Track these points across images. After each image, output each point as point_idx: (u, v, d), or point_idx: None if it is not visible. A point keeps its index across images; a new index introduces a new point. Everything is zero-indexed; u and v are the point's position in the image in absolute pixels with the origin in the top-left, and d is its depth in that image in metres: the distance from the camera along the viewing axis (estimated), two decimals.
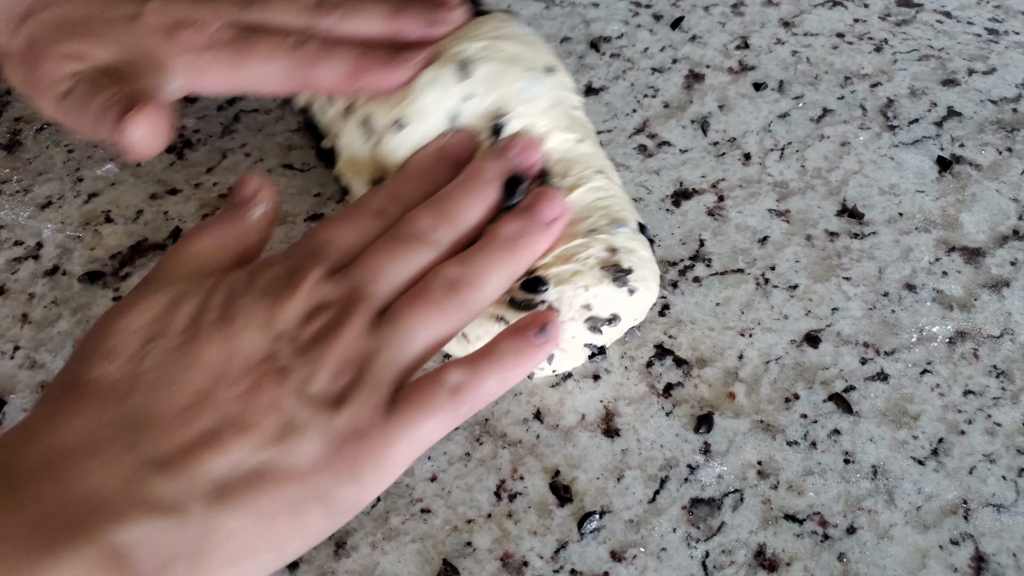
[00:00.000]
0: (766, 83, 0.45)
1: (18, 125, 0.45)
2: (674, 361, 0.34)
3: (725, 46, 0.47)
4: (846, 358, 0.34)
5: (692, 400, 0.33)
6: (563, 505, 0.30)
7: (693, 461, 0.31)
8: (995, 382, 0.33)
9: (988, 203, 0.39)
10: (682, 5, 0.50)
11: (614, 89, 0.45)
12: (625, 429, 0.32)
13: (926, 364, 0.34)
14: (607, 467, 0.31)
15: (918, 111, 0.43)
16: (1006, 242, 0.37)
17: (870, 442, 0.31)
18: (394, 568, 0.29)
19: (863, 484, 0.30)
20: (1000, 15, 0.48)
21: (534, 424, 0.32)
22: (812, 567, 0.29)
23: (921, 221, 0.38)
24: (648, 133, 0.43)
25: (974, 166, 0.40)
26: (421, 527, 0.30)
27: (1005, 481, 0.30)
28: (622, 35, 0.48)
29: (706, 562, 0.29)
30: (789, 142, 0.42)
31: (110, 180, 0.41)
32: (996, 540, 0.29)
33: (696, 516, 0.30)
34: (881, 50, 0.47)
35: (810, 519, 0.30)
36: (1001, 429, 0.32)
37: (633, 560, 0.29)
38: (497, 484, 0.31)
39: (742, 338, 0.35)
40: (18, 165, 0.42)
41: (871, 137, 0.42)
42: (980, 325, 0.35)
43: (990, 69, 0.45)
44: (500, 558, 0.29)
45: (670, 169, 0.41)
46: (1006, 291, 0.36)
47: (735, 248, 0.38)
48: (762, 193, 0.40)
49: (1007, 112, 0.43)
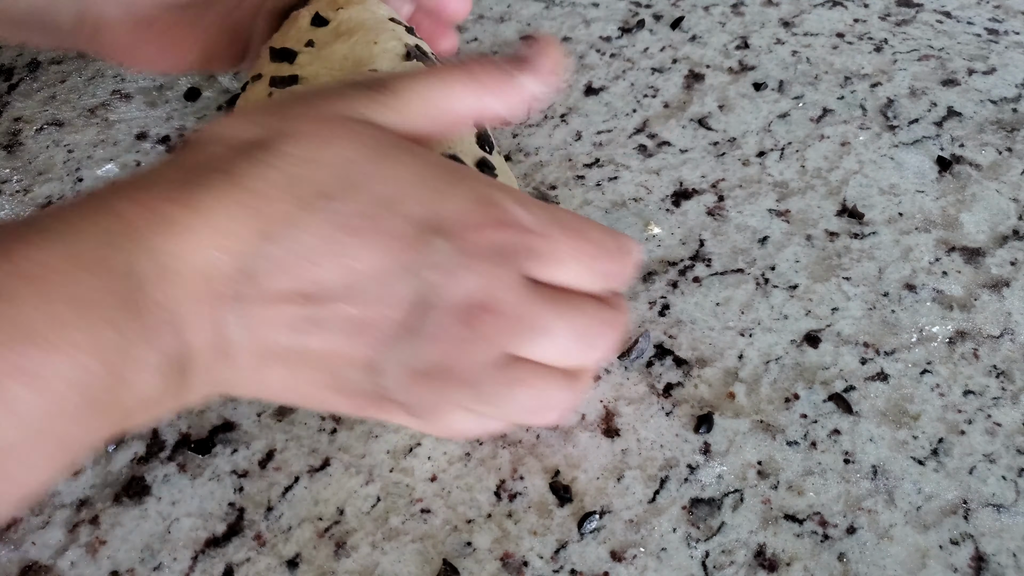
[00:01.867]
0: (766, 83, 0.45)
1: (18, 125, 0.45)
2: (674, 361, 0.34)
3: (725, 46, 0.47)
4: (846, 358, 0.34)
5: (692, 400, 0.33)
6: (563, 505, 0.30)
7: (693, 461, 0.31)
8: (995, 382, 0.33)
9: (988, 203, 0.39)
10: (682, 5, 0.50)
11: (614, 89, 0.45)
12: (625, 429, 0.32)
13: (926, 364, 0.34)
14: (607, 467, 0.31)
15: (918, 111, 0.43)
16: (1006, 242, 0.37)
17: (870, 442, 0.31)
18: (394, 568, 0.29)
19: (863, 484, 0.30)
20: (1000, 15, 0.48)
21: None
22: (812, 567, 0.29)
23: (921, 221, 0.38)
24: (648, 133, 0.43)
25: (974, 166, 0.40)
26: (421, 527, 0.30)
27: (1005, 481, 0.30)
28: (622, 35, 0.48)
29: (706, 562, 0.29)
30: (789, 142, 0.42)
31: (110, 180, 0.41)
32: (996, 540, 0.29)
33: (696, 516, 0.30)
34: (881, 50, 0.47)
35: (810, 519, 0.30)
36: (1001, 429, 0.32)
37: (633, 560, 0.29)
38: (497, 484, 0.31)
39: (742, 338, 0.35)
40: (18, 165, 0.42)
41: (871, 137, 0.42)
42: (980, 325, 0.35)
43: (990, 69, 0.45)
44: (500, 558, 0.29)
45: (670, 169, 0.41)
46: (1006, 291, 0.36)
47: (735, 248, 0.38)
48: (762, 193, 0.40)
49: (1007, 112, 0.43)
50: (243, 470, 0.32)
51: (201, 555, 0.30)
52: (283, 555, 0.30)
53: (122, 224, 0.22)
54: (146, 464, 0.32)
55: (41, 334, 0.20)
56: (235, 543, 0.30)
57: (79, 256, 0.21)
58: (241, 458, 0.32)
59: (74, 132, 0.44)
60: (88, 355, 0.20)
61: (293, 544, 0.30)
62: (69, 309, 0.20)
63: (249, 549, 0.30)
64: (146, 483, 0.32)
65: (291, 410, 0.33)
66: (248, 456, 0.32)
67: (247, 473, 0.32)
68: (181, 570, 0.29)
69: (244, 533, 0.30)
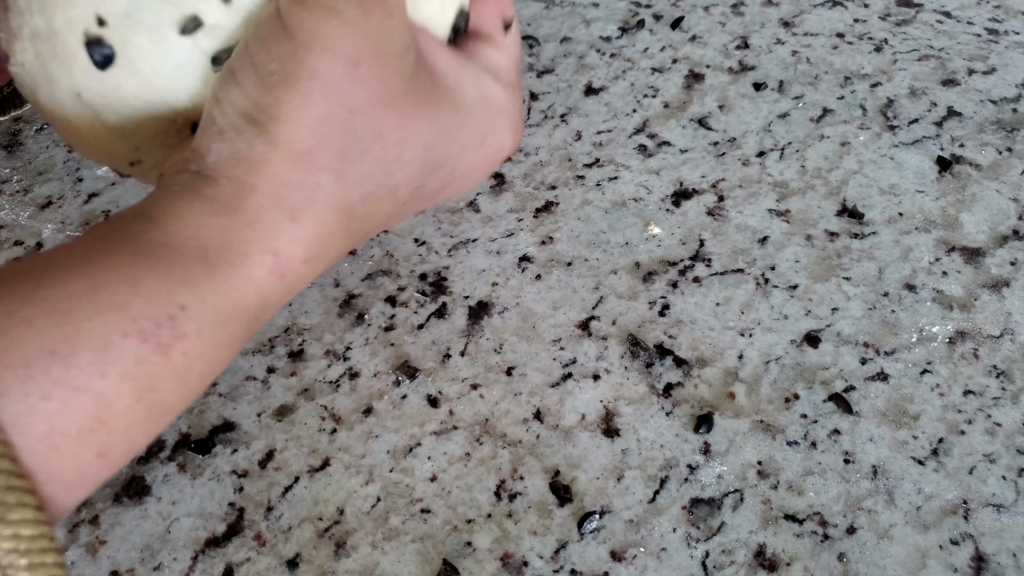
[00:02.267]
0: (766, 83, 0.45)
1: (18, 125, 0.45)
2: (674, 361, 0.34)
3: (725, 46, 0.47)
4: (846, 358, 0.34)
5: (692, 400, 0.33)
6: (563, 505, 0.30)
7: (693, 461, 0.31)
8: (995, 382, 0.33)
9: (988, 203, 0.39)
10: (682, 5, 0.50)
11: (614, 89, 0.45)
12: (625, 429, 0.32)
13: (926, 364, 0.34)
14: (607, 467, 0.31)
15: (918, 111, 0.43)
16: (1006, 242, 0.37)
17: (870, 442, 0.31)
18: (394, 568, 0.29)
19: (863, 484, 0.30)
20: (1000, 15, 0.48)
21: (534, 424, 0.32)
22: (812, 567, 0.28)
23: (921, 221, 0.38)
24: (648, 133, 0.43)
25: (974, 166, 0.40)
26: (421, 527, 0.30)
27: (1005, 481, 0.30)
28: (622, 35, 0.48)
29: (706, 562, 0.29)
30: (789, 142, 0.42)
31: (110, 180, 0.41)
32: (996, 540, 0.29)
33: (696, 516, 0.30)
34: (881, 50, 0.47)
35: (810, 519, 0.30)
36: (1001, 429, 0.32)
37: (633, 560, 0.29)
38: (497, 484, 0.31)
39: (742, 338, 0.35)
40: (18, 165, 0.42)
41: (871, 137, 0.42)
42: (980, 325, 0.35)
43: (990, 69, 0.45)
44: (500, 558, 0.29)
45: (670, 169, 0.41)
46: (1006, 291, 0.36)
47: (735, 248, 0.38)
48: (762, 193, 0.40)
49: (1007, 112, 0.43)
50: (243, 470, 0.32)
51: (201, 555, 0.30)
52: (283, 555, 0.30)
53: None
54: (146, 464, 0.32)
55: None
56: (235, 543, 0.30)
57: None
58: (241, 458, 0.32)
59: None
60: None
61: (293, 544, 0.30)
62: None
63: (249, 549, 0.30)
64: (146, 483, 0.32)
65: (291, 410, 0.33)
66: (248, 456, 0.32)
67: (247, 473, 0.32)
68: (181, 570, 0.29)
69: (244, 533, 0.30)
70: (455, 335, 0.35)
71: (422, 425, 0.33)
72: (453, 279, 0.37)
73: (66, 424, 0.18)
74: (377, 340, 0.35)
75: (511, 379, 0.34)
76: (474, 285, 0.37)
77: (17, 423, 0.18)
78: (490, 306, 0.36)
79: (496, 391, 0.33)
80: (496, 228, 0.39)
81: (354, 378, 0.34)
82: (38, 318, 0.19)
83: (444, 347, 0.35)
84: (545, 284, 0.37)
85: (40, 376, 0.18)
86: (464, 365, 0.34)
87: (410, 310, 0.36)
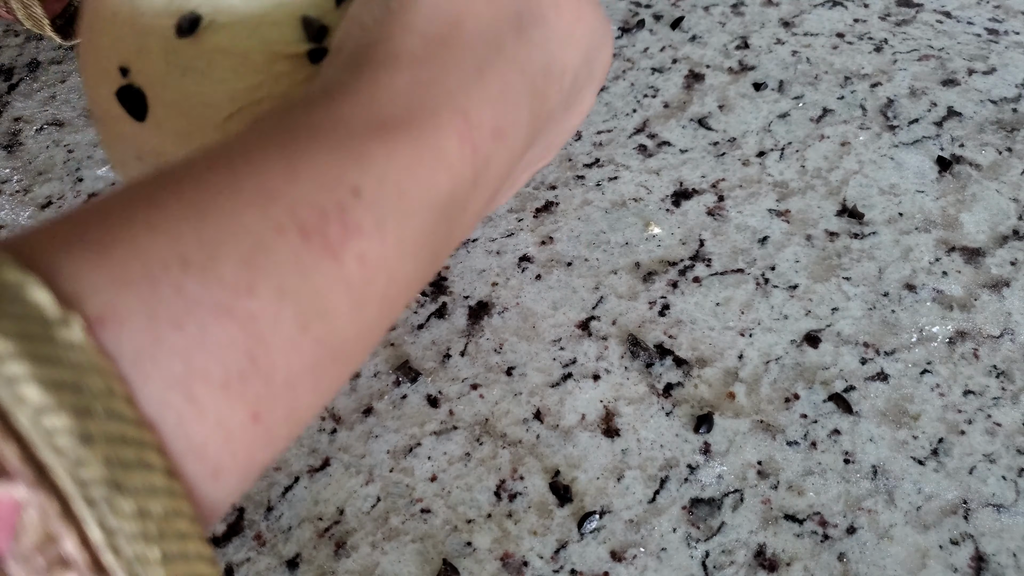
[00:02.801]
0: (766, 83, 0.45)
1: (18, 125, 0.45)
2: (674, 361, 0.34)
3: (725, 46, 0.47)
4: (846, 358, 0.34)
5: (692, 400, 0.33)
6: (563, 505, 0.30)
7: (693, 461, 0.31)
8: (995, 382, 0.33)
9: (988, 203, 0.39)
10: (682, 5, 0.50)
11: (614, 89, 0.45)
12: (625, 429, 0.32)
13: (926, 364, 0.34)
14: (607, 467, 0.31)
15: (918, 111, 0.43)
16: (1006, 242, 0.37)
17: (870, 442, 0.31)
18: (394, 568, 0.29)
19: (863, 484, 0.30)
20: (1000, 15, 0.48)
21: (534, 424, 0.32)
22: (812, 567, 0.29)
23: (921, 221, 0.38)
24: (648, 133, 0.43)
25: (974, 166, 0.40)
26: (421, 527, 0.30)
27: (1005, 481, 0.30)
28: (622, 35, 0.48)
29: (706, 562, 0.29)
30: (789, 142, 0.42)
31: (110, 180, 0.41)
32: (996, 540, 0.29)
33: (696, 516, 0.30)
34: (881, 50, 0.47)
35: (810, 519, 0.30)
36: (1001, 429, 0.32)
37: (633, 560, 0.29)
38: (497, 484, 0.31)
39: (742, 338, 0.35)
40: (18, 165, 0.42)
41: (871, 137, 0.42)
42: (980, 325, 0.35)
43: (990, 69, 0.45)
44: (500, 558, 0.29)
45: (670, 169, 0.41)
46: (1006, 291, 0.36)
47: (735, 248, 0.38)
48: (762, 193, 0.40)
49: (1007, 112, 0.43)
50: None
51: None
52: (283, 555, 0.30)
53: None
54: None
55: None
56: (235, 543, 0.30)
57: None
58: None
59: (74, 132, 0.44)
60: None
61: (293, 544, 0.30)
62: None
63: (249, 549, 0.30)
64: None
65: None
66: None
67: None
68: None
69: (244, 533, 0.30)
70: (455, 335, 0.35)
71: (422, 425, 0.33)
72: (453, 279, 0.37)
73: (207, 363, 0.13)
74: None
75: (511, 379, 0.34)
76: (474, 285, 0.37)
77: (141, 363, 0.13)
78: (490, 306, 0.36)
79: (496, 391, 0.33)
80: (496, 228, 0.39)
81: (354, 378, 0.34)
82: (165, 221, 0.14)
83: (444, 347, 0.35)
84: (545, 284, 0.37)
85: (170, 294, 0.13)
86: (464, 365, 0.34)
87: (410, 310, 0.36)
